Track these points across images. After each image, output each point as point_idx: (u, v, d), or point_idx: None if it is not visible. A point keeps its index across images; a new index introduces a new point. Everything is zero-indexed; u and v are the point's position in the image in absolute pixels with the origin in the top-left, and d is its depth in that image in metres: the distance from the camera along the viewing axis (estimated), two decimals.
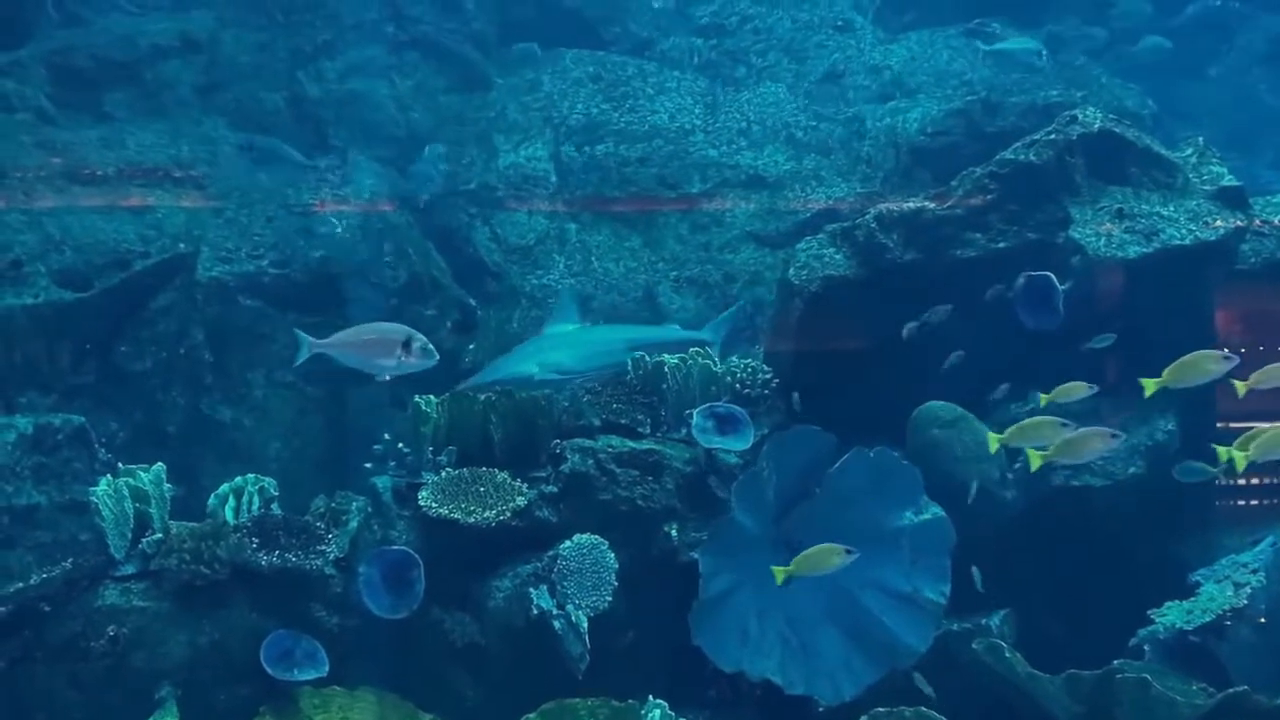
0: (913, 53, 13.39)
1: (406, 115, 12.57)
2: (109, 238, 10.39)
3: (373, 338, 7.83)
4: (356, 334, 7.93)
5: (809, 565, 7.56)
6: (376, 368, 7.89)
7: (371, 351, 7.80)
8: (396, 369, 7.74)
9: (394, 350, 7.66)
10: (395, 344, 7.69)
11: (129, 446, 9.56)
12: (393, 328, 7.86)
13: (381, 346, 7.74)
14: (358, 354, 7.89)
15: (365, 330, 7.92)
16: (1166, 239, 8.72)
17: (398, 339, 7.69)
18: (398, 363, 7.67)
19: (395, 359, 7.66)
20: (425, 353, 7.72)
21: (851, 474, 8.28)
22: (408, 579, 7.86)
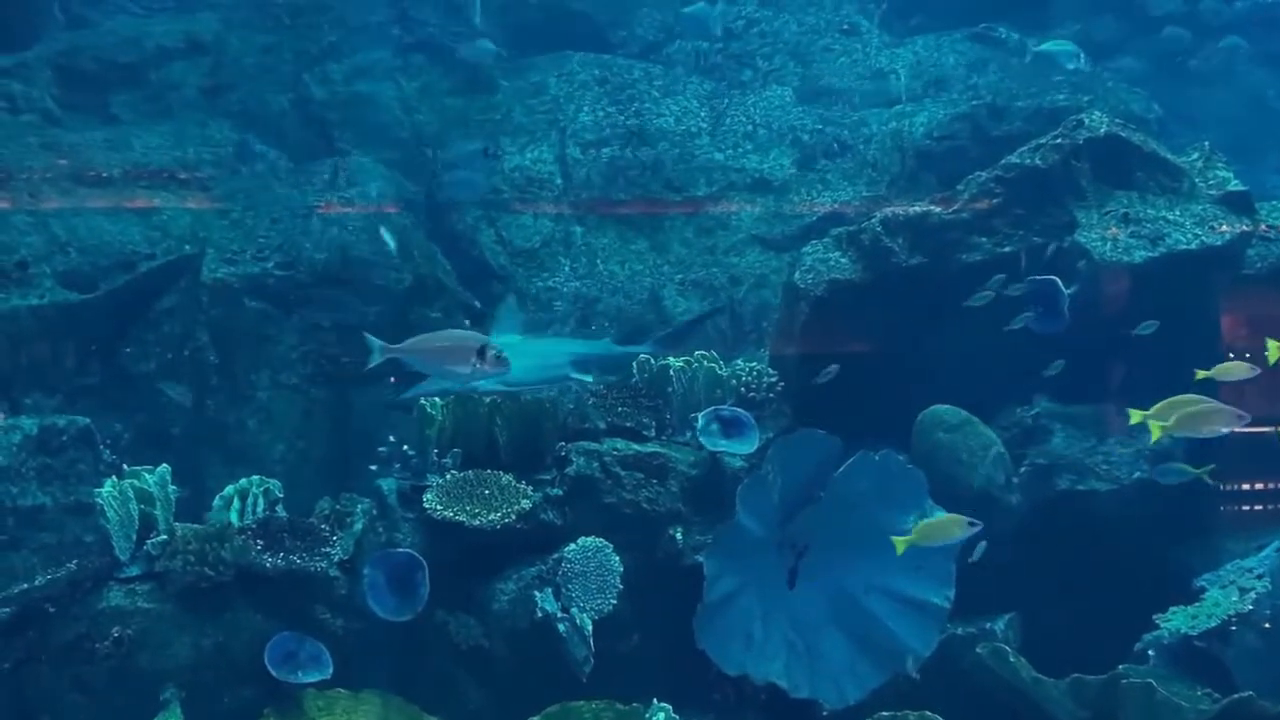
0: (919, 57, 13.40)
1: (412, 117, 12.58)
2: (114, 239, 10.41)
3: (447, 345, 7.84)
4: (430, 340, 7.95)
5: (932, 534, 7.55)
6: (450, 375, 7.86)
7: (445, 358, 7.79)
8: (470, 376, 7.72)
9: (469, 357, 7.63)
10: (470, 351, 7.67)
11: (133, 448, 9.55)
12: (467, 335, 7.87)
13: (456, 354, 7.73)
14: (431, 360, 7.89)
15: (439, 337, 7.95)
16: (1172, 244, 8.71)
17: (473, 346, 7.68)
18: (472, 370, 7.63)
19: (470, 366, 7.62)
20: (499, 360, 7.70)
21: (857, 477, 8.26)
22: (412, 581, 7.85)
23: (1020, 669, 7.66)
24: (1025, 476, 8.70)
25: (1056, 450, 8.73)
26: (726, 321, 11.80)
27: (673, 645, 8.07)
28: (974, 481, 8.52)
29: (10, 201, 10.29)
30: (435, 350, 7.87)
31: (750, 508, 8.15)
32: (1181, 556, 8.61)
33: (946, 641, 8.25)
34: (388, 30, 12.94)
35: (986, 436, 8.62)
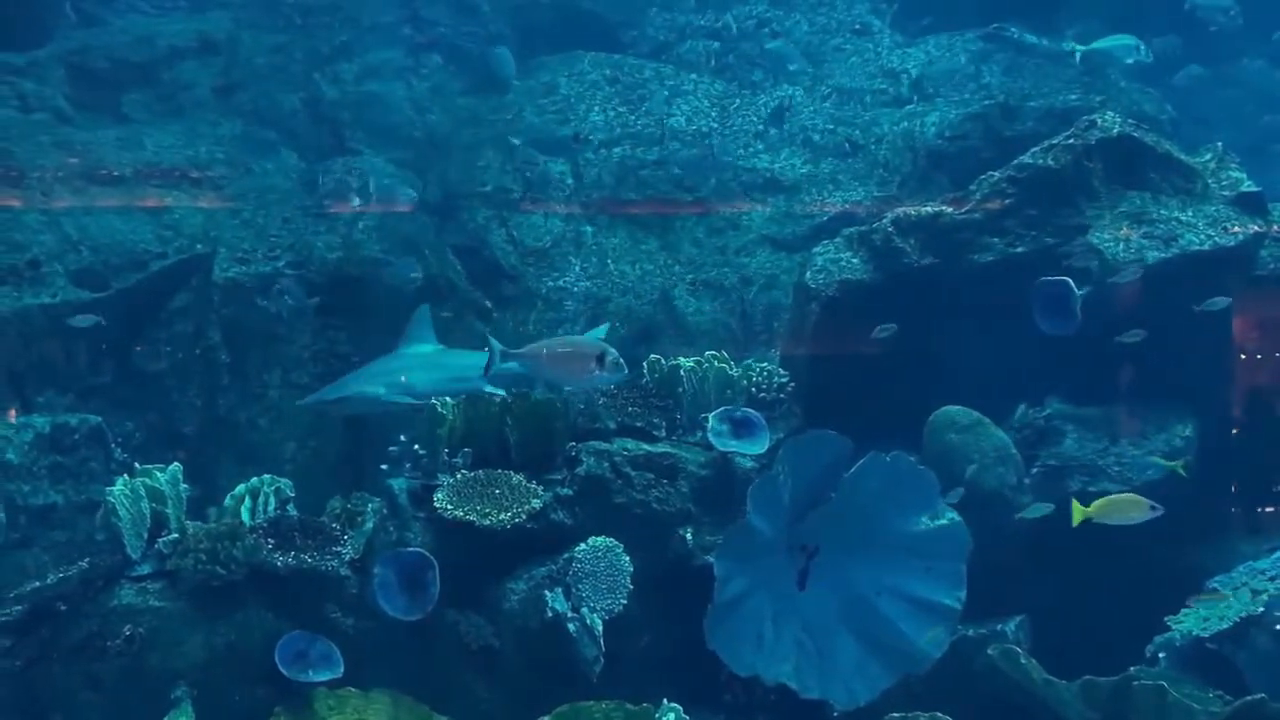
0: (930, 57, 13.37)
1: (423, 117, 12.58)
2: (126, 238, 10.43)
3: (567, 350, 7.91)
4: (550, 346, 8.00)
5: (1112, 512, 7.56)
6: (568, 380, 7.90)
7: (564, 364, 7.85)
8: (589, 383, 7.76)
9: (588, 364, 7.69)
10: (590, 358, 7.74)
11: (145, 446, 9.57)
12: (587, 341, 7.88)
13: (576, 360, 7.80)
14: (550, 366, 7.95)
15: (559, 343, 8.00)
16: (1185, 244, 8.69)
17: (592, 353, 7.73)
18: (591, 376, 7.68)
19: (589, 373, 7.67)
20: (616, 366, 7.75)
21: (867, 478, 8.25)
22: (423, 581, 7.86)
23: (1031, 670, 7.65)
24: (1037, 478, 8.68)
25: (1068, 452, 8.72)
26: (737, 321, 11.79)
27: (683, 646, 8.07)
28: (985, 482, 8.50)
29: (23, 200, 10.32)
30: (555, 356, 7.94)
31: (761, 508, 8.14)
32: (1194, 558, 8.59)
33: (957, 643, 8.24)
34: (399, 30, 12.94)
35: (998, 437, 8.60)
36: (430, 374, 9.38)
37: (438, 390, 9.03)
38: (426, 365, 9.49)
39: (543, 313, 11.70)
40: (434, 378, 9.33)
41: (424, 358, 9.61)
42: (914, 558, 8.33)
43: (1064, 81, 12.33)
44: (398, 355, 9.68)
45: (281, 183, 11.43)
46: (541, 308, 11.75)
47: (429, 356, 9.64)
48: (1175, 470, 8.32)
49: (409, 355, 9.65)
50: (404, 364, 9.50)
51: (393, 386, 9.19)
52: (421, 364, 9.50)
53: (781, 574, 8.38)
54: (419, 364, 9.50)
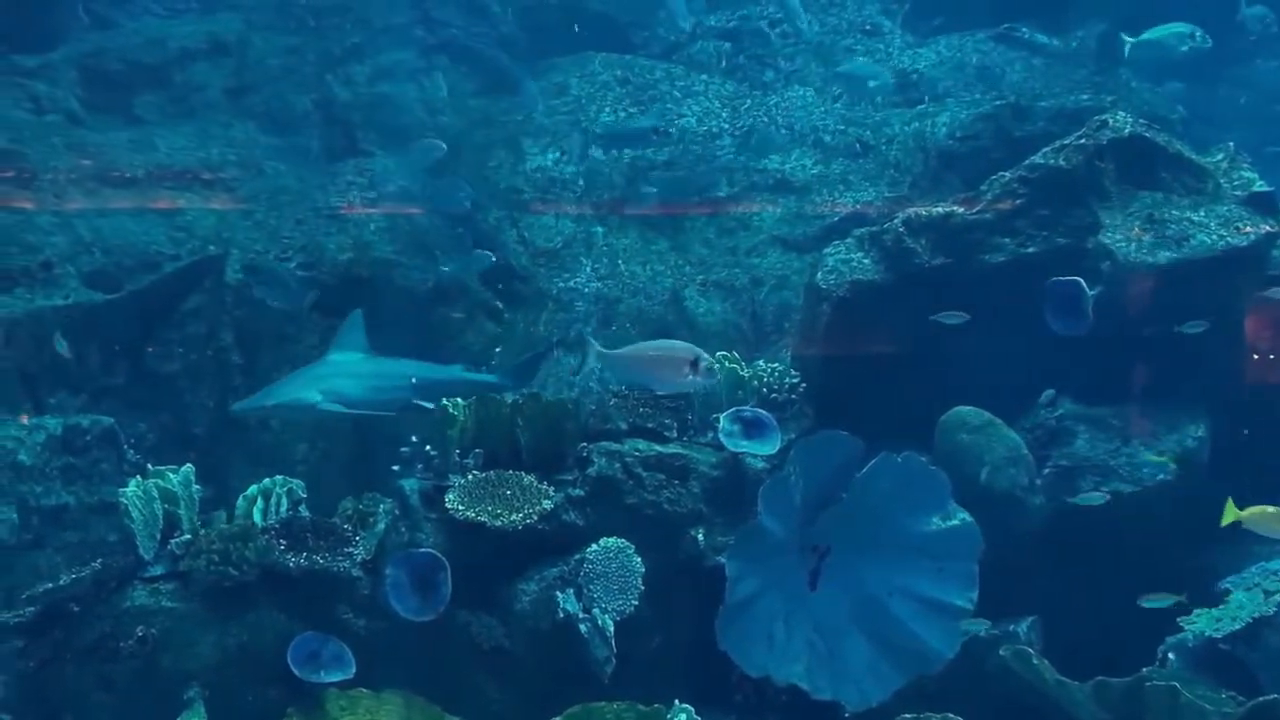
0: (941, 57, 13.36)
1: (435, 119, 12.60)
2: (139, 240, 10.46)
3: (661, 354, 7.96)
4: (645, 349, 8.07)
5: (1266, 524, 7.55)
6: (661, 383, 7.93)
7: (659, 367, 7.90)
8: (680, 386, 7.81)
9: (682, 368, 7.77)
10: (684, 362, 7.82)
11: (158, 447, 9.60)
12: (681, 345, 7.90)
13: (670, 364, 7.87)
14: (644, 368, 8.00)
15: (654, 346, 8.00)
16: (1197, 245, 8.66)
17: (686, 357, 7.80)
18: (684, 380, 7.75)
19: (683, 377, 7.75)
20: (710, 372, 7.83)
21: (879, 479, 8.25)
22: (434, 581, 7.88)
23: (1043, 671, 7.64)
24: (1048, 478, 8.66)
25: (1080, 452, 8.70)
26: (748, 322, 11.79)
27: (694, 646, 8.08)
28: (997, 483, 8.49)
29: (35, 202, 10.35)
30: (650, 359, 8.00)
31: (772, 509, 8.15)
32: (1206, 558, 8.57)
33: (969, 643, 8.23)
34: (411, 31, 12.96)
35: (1010, 438, 8.59)
36: (364, 382, 9.28)
37: (371, 399, 9.05)
38: (359, 373, 9.38)
39: (554, 313, 11.71)
40: (367, 385, 9.24)
41: (357, 364, 9.48)
42: (926, 558, 8.33)
43: (1075, 81, 12.32)
44: (329, 362, 9.54)
45: (293, 184, 11.45)
46: (552, 308, 11.76)
47: (361, 364, 9.51)
48: (1166, 465, 8.32)
49: (341, 362, 9.50)
50: (337, 370, 9.36)
51: (327, 393, 9.06)
52: (355, 371, 9.39)
53: (793, 574, 8.39)
54: (352, 371, 9.38)
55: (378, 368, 9.54)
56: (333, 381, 9.18)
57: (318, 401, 9.00)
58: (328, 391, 9.05)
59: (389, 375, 9.46)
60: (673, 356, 7.86)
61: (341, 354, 9.50)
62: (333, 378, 9.23)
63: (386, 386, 9.31)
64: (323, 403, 9.01)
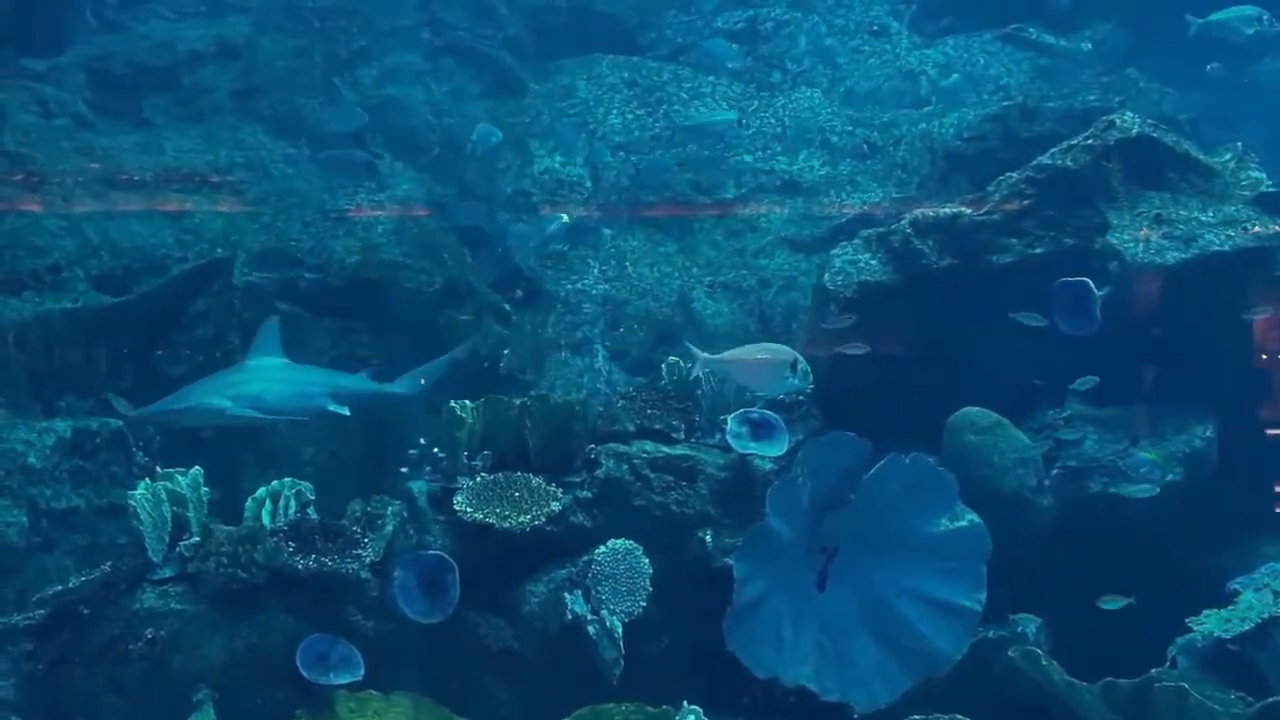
0: (949, 58, 13.36)
1: (442, 121, 12.61)
2: (147, 242, 10.46)
3: (765, 357, 8.09)
4: (748, 352, 8.17)
5: None
6: (763, 385, 8.12)
7: (761, 370, 8.08)
8: (781, 388, 8.03)
9: (782, 371, 7.95)
10: (784, 365, 7.98)
11: (166, 450, 9.60)
12: (781, 350, 8.05)
13: (770, 366, 8.03)
14: (747, 371, 8.15)
15: (756, 349, 8.15)
16: (1205, 245, 8.65)
17: (786, 360, 7.98)
18: (784, 382, 7.96)
19: (783, 379, 7.93)
20: (806, 375, 7.99)
21: (887, 480, 8.24)
22: (442, 583, 7.88)
23: (1052, 672, 7.63)
24: (1057, 479, 8.66)
25: (1088, 453, 8.69)
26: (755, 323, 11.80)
27: (702, 648, 8.07)
28: (1005, 484, 8.48)
29: (44, 205, 10.35)
30: (753, 362, 8.12)
31: (780, 510, 8.14)
32: (1215, 559, 8.57)
33: (977, 645, 8.23)
34: (417, 34, 12.98)
35: (1018, 438, 8.59)
36: (277, 389, 9.17)
37: (284, 406, 8.96)
38: (273, 379, 9.27)
39: (561, 315, 11.73)
40: (281, 393, 9.14)
41: (271, 371, 9.36)
42: (934, 559, 8.32)
43: (1082, 82, 12.31)
44: (243, 368, 9.41)
45: (301, 186, 11.46)
46: (560, 310, 11.77)
47: (276, 370, 9.38)
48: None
49: (256, 368, 9.36)
50: (250, 377, 9.23)
51: (238, 400, 8.93)
52: (268, 378, 9.27)
53: (801, 576, 8.38)
54: (265, 378, 9.26)
55: (293, 375, 9.46)
56: (245, 388, 9.06)
57: (226, 407, 8.87)
58: (239, 398, 8.93)
59: (304, 383, 9.38)
60: (775, 360, 8.00)
61: (256, 361, 9.37)
62: (245, 384, 9.11)
63: (301, 393, 9.23)
64: (232, 408, 8.88)
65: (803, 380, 8.02)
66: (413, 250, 11.01)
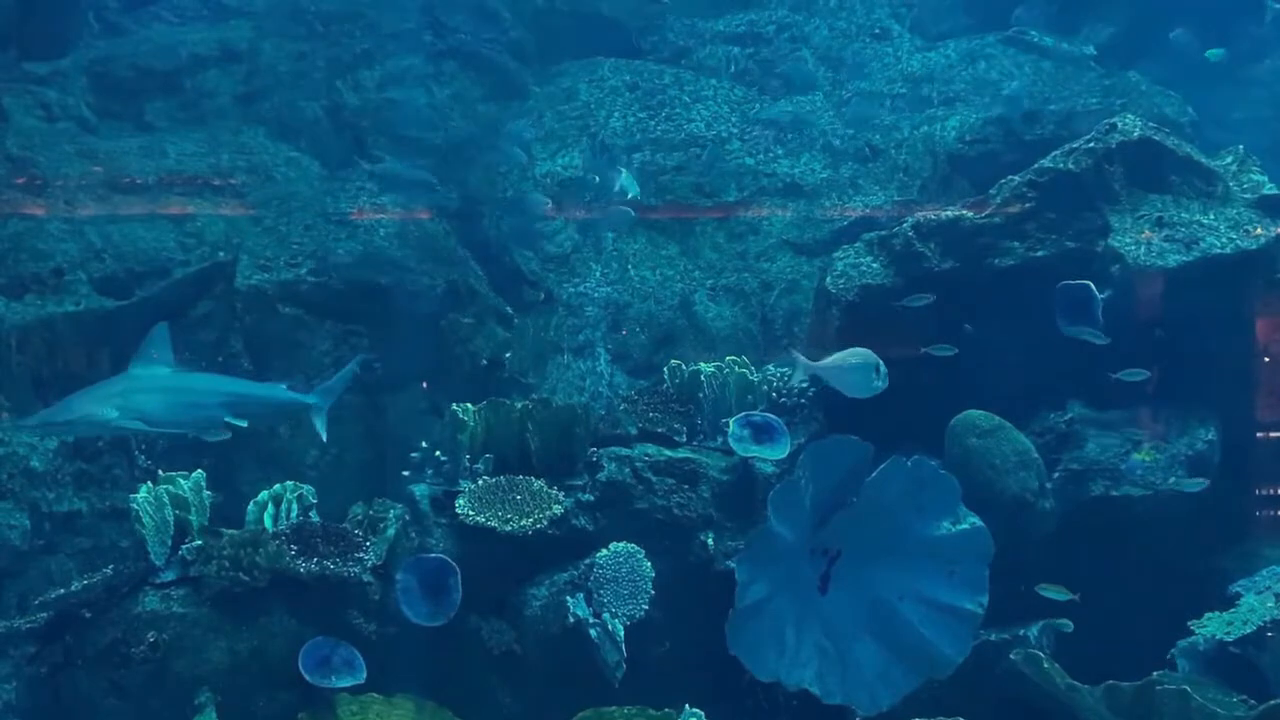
0: (950, 60, 13.36)
1: (444, 123, 12.61)
2: (149, 246, 10.48)
3: (854, 362, 8.25)
4: (841, 358, 8.32)
5: None
6: (853, 388, 8.28)
7: (851, 375, 8.26)
8: (869, 391, 8.18)
9: (869, 375, 8.15)
10: (870, 369, 8.17)
11: (169, 453, 9.61)
12: (867, 355, 8.21)
13: (859, 371, 8.20)
14: (840, 376, 8.32)
15: (847, 355, 8.28)
16: (1207, 248, 8.65)
17: (871, 364, 8.18)
18: (870, 386, 8.18)
19: (869, 383, 8.15)
20: (884, 377, 8.15)
21: (889, 483, 8.24)
22: (445, 586, 7.89)
23: (1054, 675, 7.63)
24: (1059, 482, 8.65)
25: (1090, 456, 8.69)
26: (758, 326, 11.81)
27: (705, 651, 8.07)
28: (1007, 487, 8.48)
29: (46, 209, 10.37)
30: (845, 367, 8.29)
31: (782, 513, 8.14)
32: (1217, 562, 8.57)
33: (980, 648, 8.22)
34: (420, 37, 12.98)
35: (1020, 441, 8.58)
36: (168, 399, 8.62)
37: (173, 418, 8.56)
38: (164, 389, 8.69)
39: (564, 318, 11.73)
40: (171, 403, 8.60)
41: (161, 380, 8.75)
42: (936, 562, 8.32)
43: (1084, 85, 12.31)
44: (130, 376, 8.78)
45: (304, 190, 11.46)
46: (563, 313, 11.77)
47: (166, 379, 8.77)
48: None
49: (144, 377, 8.74)
50: (139, 386, 8.64)
51: (126, 410, 8.41)
52: (159, 387, 8.69)
53: (803, 579, 8.38)
54: (156, 387, 8.67)
55: (185, 383, 8.90)
56: (134, 398, 8.49)
57: (114, 418, 8.36)
58: (128, 408, 8.41)
59: (197, 392, 8.89)
60: (863, 364, 8.20)
61: (144, 369, 8.74)
62: (134, 394, 8.53)
63: (192, 403, 8.72)
64: (120, 419, 8.37)
65: (883, 381, 8.17)
66: (415, 253, 11.01)
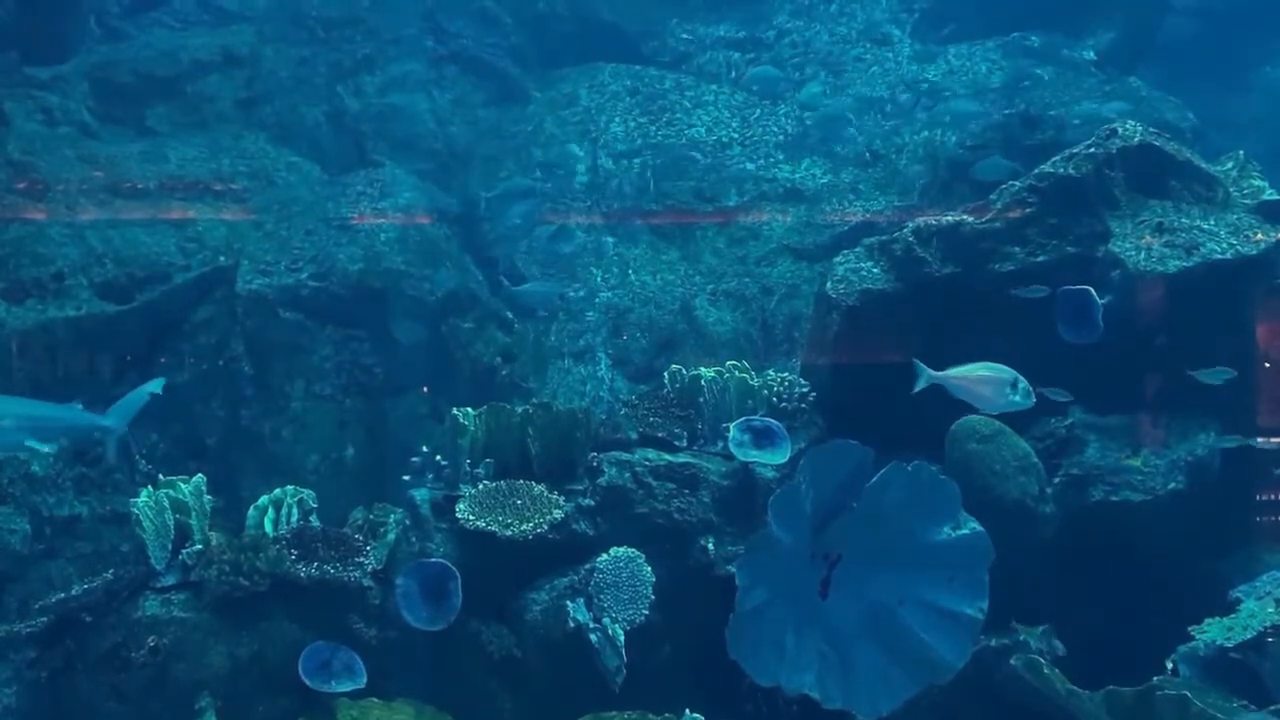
0: (951, 66, 13.38)
1: (445, 129, 12.64)
2: (150, 251, 10.49)
3: (988, 375, 8.12)
4: (972, 370, 8.18)
5: None
6: (985, 402, 8.19)
7: (983, 387, 8.13)
8: (1004, 406, 8.08)
9: (1004, 389, 8.03)
10: (1005, 384, 8.04)
11: (169, 458, 9.63)
12: (1003, 369, 8.09)
13: (993, 385, 8.08)
14: (971, 388, 8.18)
15: (979, 368, 8.14)
16: (1207, 253, 8.65)
17: (1007, 379, 8.05)
18: (1005, 401, 8.05)
19: (1005, 397, 8.03)
20: (1027, 394, 8.02)
21: (889, 488, 8.23)
22: (445, 591, 7.89)
23: (1054, 681, 7.62)
24: (1059, 487, 8.65)
25: (1091, 461, 8.69)
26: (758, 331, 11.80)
27: (705, 656, 8.07)
28: (1007, 492, 8.48)
29: (47, 214, 10.38)
30: (976, 379, 8.14)
31: (782, 518, 8.13)
32: (1217, 567, 8.56)
33: (980, 653, 8.22)
34: (421, 42, 13.01)
35: (1020, 446, 8.58)
36: None
37: None
38: None
39: (564, 324, 11.74)
40: None
41: None
42: (936, 567, 8.30)
43: (1085, 90, 12.32)
44: None
45: (305, 194, 11.48)
46: (563, 318, 11.78)
47: None
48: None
49: None
50: None
51: None
52: None
53: (803, 584, 8.37)
54: None
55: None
56: None
57: None
58: None
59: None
60: (997, 378, 8.07)
61: None
62: None
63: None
64: None
65: (1024, 398, 8.05)
66: (416, 258, 11.03)
